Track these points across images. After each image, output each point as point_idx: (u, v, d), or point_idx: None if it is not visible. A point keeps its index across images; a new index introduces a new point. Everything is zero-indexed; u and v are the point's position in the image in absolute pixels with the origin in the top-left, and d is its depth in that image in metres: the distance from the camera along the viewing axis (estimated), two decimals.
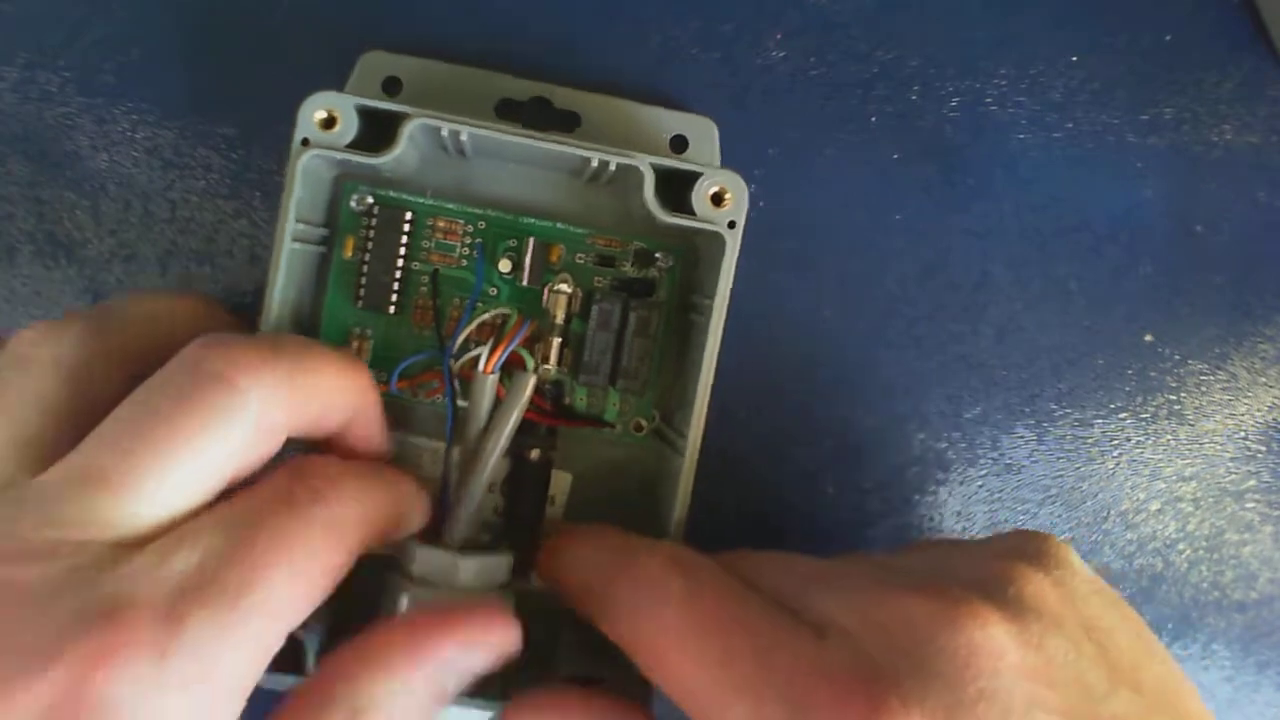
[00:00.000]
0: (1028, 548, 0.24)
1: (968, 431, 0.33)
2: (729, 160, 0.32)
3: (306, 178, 0.26)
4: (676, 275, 0.30)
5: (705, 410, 0.27)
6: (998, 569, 0.22)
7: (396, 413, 0.29)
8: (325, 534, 0.21)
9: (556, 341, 0.29)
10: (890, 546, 0.33)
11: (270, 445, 0.22)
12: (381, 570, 0.27)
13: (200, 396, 0.20)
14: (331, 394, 0.23)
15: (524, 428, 0.28)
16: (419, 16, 0.31)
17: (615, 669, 0.26)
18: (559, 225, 0.30)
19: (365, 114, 0.26)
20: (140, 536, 0.19)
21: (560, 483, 0.30)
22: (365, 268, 0.29)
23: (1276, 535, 0.34)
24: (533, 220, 0.30)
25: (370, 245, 0.29)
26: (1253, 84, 0.33)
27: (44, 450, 0.21)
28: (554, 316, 0.29)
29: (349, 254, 0.29)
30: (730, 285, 0.27)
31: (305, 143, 0.26)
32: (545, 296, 0.29)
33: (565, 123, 0.30)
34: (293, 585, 0.20)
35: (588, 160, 0.27)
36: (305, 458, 0.23)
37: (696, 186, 0.27)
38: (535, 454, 0.29)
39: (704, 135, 0.30)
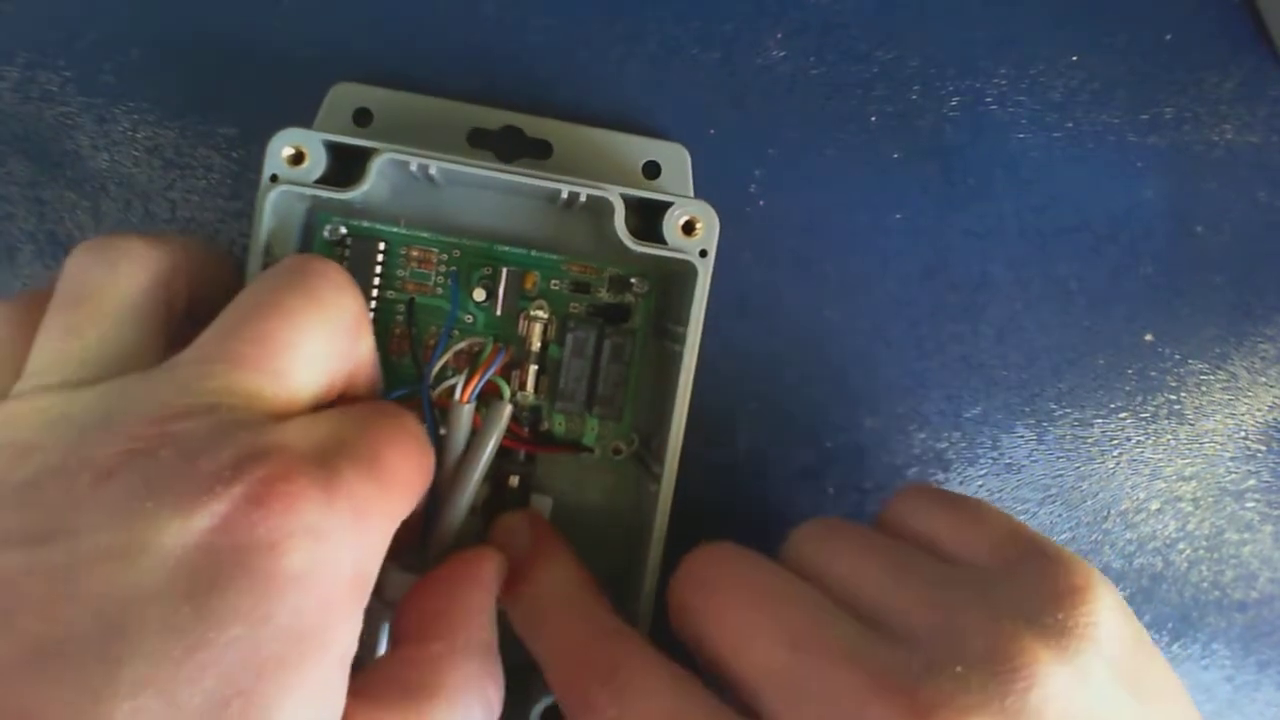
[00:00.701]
0: (1053, 613, 0.21)
1: (968, 431, 0.33)
2: (730, 160, 0.32)
3: (277, 212, 0.26)
4: (652, 300, 0.30)
5: (681, 440, 0.27)
6: (1008, 649, 0.20)
7: None
8: (423, 441, 0.23)
9: (533, 369, 0.29)
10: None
11: (353, 354, 0.24)
12: None
13: (316, 288, 0.22)
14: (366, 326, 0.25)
15: (504, 453, 0.28)
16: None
17: None
18: (533, 253, 0.30)
19: (334, 149, 0.26)
20: (282, 408, 0.21)
21: (540, 506, 0.30)
22: None
23: (1276, 535, 0.34)
24: (507, 248, 0.29)
25: None
26: (1253, 84, 0.33)
27: (152, 351, 0.22)
28: (530, 343, 0.29)
29: None
30: (703, 313, 0.27)
31: (274, 179, 0.26)
32: (521, 323, 0.29)
33: (537, 152, 0.30)
34: (407, 467, 0.22)
35: (558, 192, 0.27)
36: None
37: (667, 216, 0.27)
38: (514, 480, 0.29)
39: (676, 162, 0.30)
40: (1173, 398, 0.34)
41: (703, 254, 0.27)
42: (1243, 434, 0.34)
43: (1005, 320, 0.33)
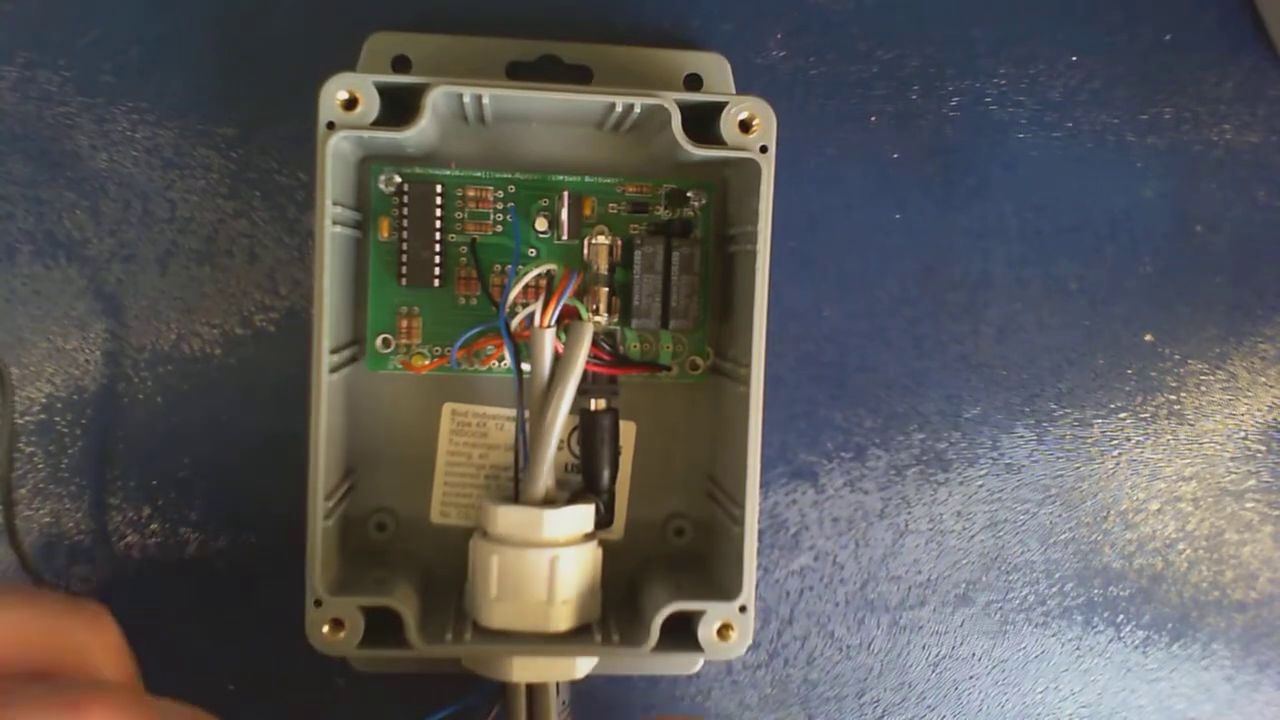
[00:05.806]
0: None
1: (968, 431, 0.33)
2: None
3: (335, 161, 0.26)
4: (711, 212, 0.30)
5: (764, 336, 0.27)
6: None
7: (460, 387, 0.31)
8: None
9: (604, 291, 0.30)
10: (889, 547, 0.33)
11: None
12: (466, 539, 0.28)
13: None
14: None
15: (584, 379, 0.28)
16: None
17: (710, 600, 0.27)
18: (587, 178, 0.30)
19: (384, 92, 0.26)
20: None
21: (625, 432, 0.30)
22: (404, 245, 0.29)
23: (1276, 535, 0.34)
24: (561, 176, 0.30)
25: (405, 222, 0.29)
26: (1253, 84, 0.33)
27: None
28: (597, 267, 0.30)
29: (385, 235, 0.30)
30: (770, 210, 0.27)
31: (331, 126, 0.26)
32: (585, 250, 0.30)
33: (577, 77, 0.30)
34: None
35: (611, 107, 0.27)
36: None
37: (724, 115, 0.27)
38: (599, 404, 0.29)
39: (717, 71, 0.31)
40: (1173, 398, 0.34)
41: (763, 150, 0.27)
42: (1243, 434, 0.34)
43: (1005, 320, 0.33)
